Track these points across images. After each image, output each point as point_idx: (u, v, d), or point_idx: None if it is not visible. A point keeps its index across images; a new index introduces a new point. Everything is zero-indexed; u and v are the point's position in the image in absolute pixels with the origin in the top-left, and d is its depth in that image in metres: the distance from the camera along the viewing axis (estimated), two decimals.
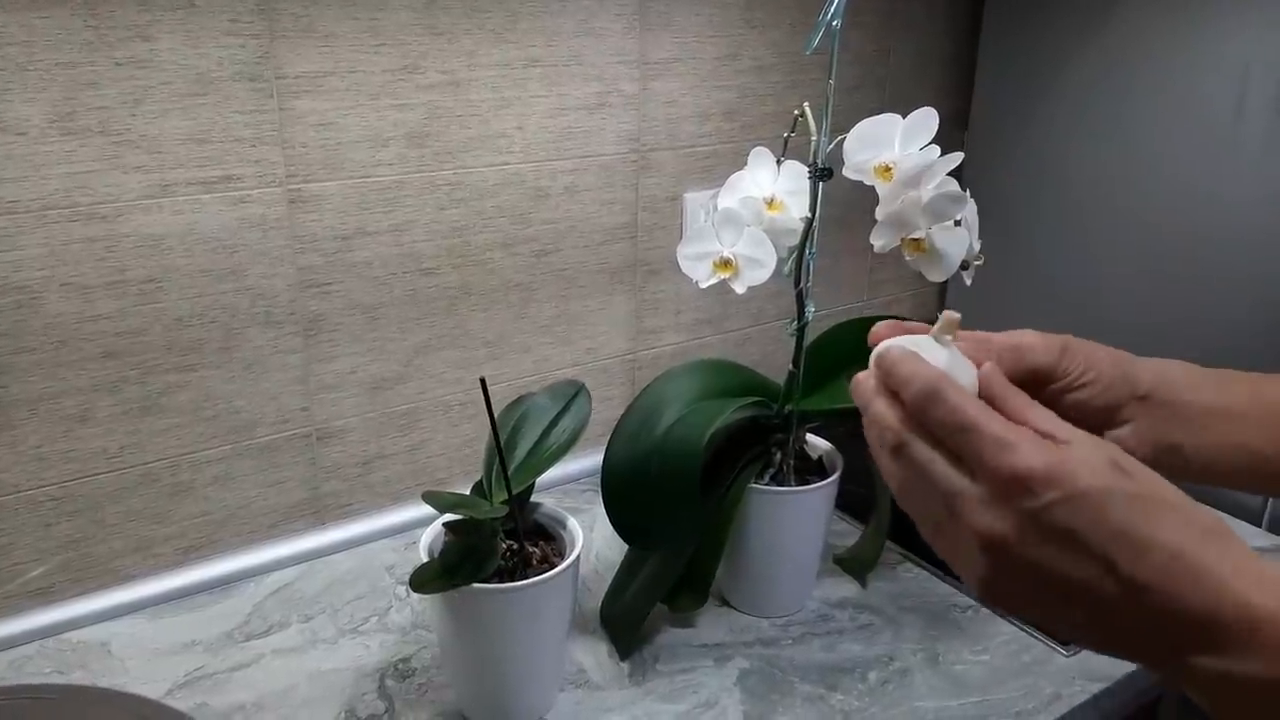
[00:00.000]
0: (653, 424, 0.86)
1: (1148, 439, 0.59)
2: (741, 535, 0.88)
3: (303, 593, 0.93)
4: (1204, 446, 0.59)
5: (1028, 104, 1.24)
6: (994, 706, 0.80)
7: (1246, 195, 1.04)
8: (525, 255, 1.04)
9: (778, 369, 0.90)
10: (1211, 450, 0.59)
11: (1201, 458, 0.59)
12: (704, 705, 0.80)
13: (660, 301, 1.16)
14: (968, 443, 0.42)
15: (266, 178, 0.87)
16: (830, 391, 0.89)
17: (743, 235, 0.81)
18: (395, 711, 0.78)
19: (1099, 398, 0.58)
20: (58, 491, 0.85)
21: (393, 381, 1.00)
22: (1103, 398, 0.58)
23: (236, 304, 0.89)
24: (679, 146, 1.11)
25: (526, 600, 0.72)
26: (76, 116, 0.78)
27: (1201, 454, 0.59)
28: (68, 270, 0.81)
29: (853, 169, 0.74)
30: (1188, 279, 1.09)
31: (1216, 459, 0.59)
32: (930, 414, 0.44)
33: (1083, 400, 0.58)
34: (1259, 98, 1.01)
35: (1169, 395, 0.59)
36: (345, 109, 0.89)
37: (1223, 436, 0.59)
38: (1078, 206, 1.20)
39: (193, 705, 0.78)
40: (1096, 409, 0.58)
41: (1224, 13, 1.03)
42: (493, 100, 0.97)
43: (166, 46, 0.80)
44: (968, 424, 0.42)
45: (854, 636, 0.88)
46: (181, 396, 0.89)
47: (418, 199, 0.95)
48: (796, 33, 1.15)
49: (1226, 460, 0.59)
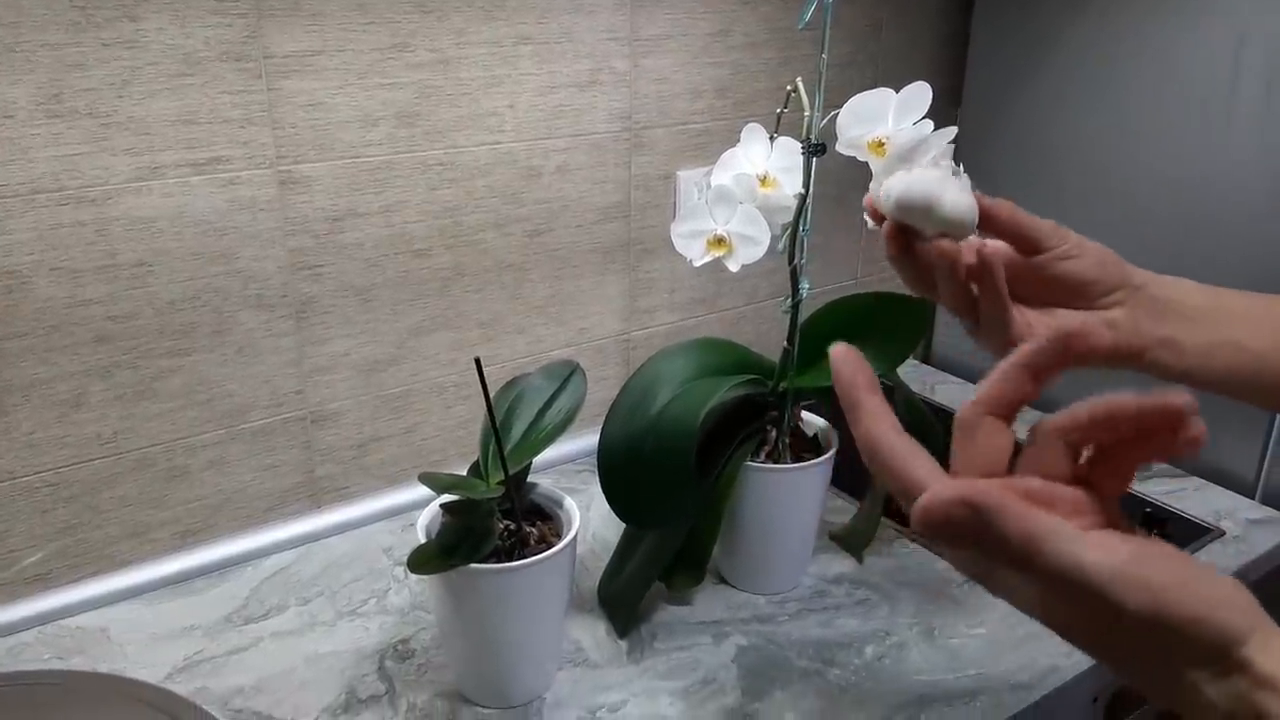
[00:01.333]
0: (648, 403, 0.86)
1: (1144, 329, 0.59)
2: (737, 513, 0.88)
3: (300, 576, 0.93)
4: (1200, 342, 0.59)
5: (1020, 80, 1.24)
6: (990, 680, 0.80)
7: (1238, 171, 1.04)
8: (518, 235, 1.03)
9: (772, 347, 0.90)
10: (1207, 346, 0.59)
11: (1196, 353, 0.59)
12: (702, 682, 0.80)
13: (654, 280, 1.16)
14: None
15: (256, 159, 0.86)
16: (824, 369, 0.88)
17: (736, 213, 0.80)
18: (395, 692, 0.78)
19: (1091, 270, 0.58)
20: (53, 477, 0.85)
21: (386, 363, 1.00)
22: (1094, 270, 0.58)
23: (228, 287, 0.88)
24: (671, 124, 1.11)
25: (524, 580, 0.72)
26: (64, 98, 0.77)
27: (1197, 349, 0.59)
28: (57, 254, 0.80)
29: (846, 144, 0.73)
30: (1179, 254, 1.09)
31: (1212, 356, 0.59)
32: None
33: (1075, 269, 0.58)
34: (1251, 74, 1.01)
35: (1165, 292, 0.60)
36: (334, 88, 0.88)
37: (1217, 333, 0.59)
38: (1070, 182, 1.20)
39: (192, 689, 0.78)
40: (1089, 280, 0.58)
41: None
42: (483, 79, 0.96)
43: (153, 26, 0.79)
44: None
45: (850, 612, 0.89)
46: (174, 381, 0.88)
47: (409, 179, 0.95)
48: (788, 8, 1.14)
49: (1221, 359, 0.59)
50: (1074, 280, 0.59)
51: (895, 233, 0.57)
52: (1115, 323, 0.59)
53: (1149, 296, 0.59)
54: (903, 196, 0.55)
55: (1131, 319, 0.59)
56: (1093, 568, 0.36)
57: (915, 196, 0.55)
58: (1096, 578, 0.36)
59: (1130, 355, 0.60)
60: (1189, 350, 0.59)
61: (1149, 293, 0.60)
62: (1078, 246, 0.59)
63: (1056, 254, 0.58)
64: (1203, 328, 0.59)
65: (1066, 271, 0.58)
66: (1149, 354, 0.60)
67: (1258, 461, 1.08)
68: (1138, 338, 0.59)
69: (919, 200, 0.55)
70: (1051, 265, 0.58)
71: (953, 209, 0.55)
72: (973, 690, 0.79)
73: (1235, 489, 1.08)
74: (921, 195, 0.55)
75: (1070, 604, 0.38)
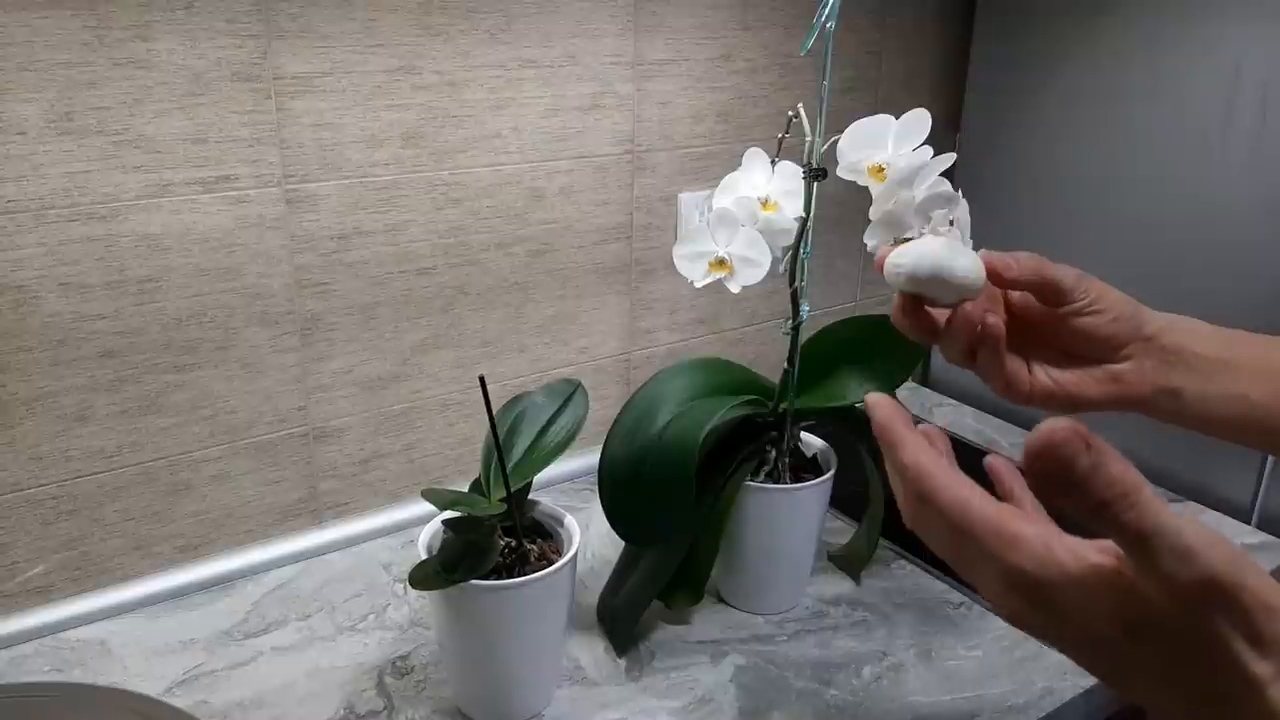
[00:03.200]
0: (649, 422, 0.86)
1: (1149, 379, 0.61)
2: (737, 533, 0.88)
3: (301, 591, 0.93)
4: (1204, 394, 0.61)
5: (1019, 106, 1.25)
6: (986, 702, 0.81)
7: (1237, 196, 1.05)
8: (521, 255, 1.04)
9: (772, 368, 0.90)
10: (1211, 399, 0.61)
11: (1200, 404, 0.61)
12: (700, 701, 0.80)
13: (655, 301, 1.17)
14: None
15: (264, 178, 0.87)
16: (825, 390, 0.90)
17: (738, 235, 0.81)
18: (394, 708, 0.79)
19: (1107, 326, 0.60)
20: (56, 490, 0.86)
21: (389, 381, 1.00)
22: (1110, 327, 0.60)
23: (234, 303, 0.89)
24: (674, 147, 1.12)
25: (524, 597, 0.72)
26: (75, 116, 0.78)
27: (1201, 401, 0.61)
28: (66, 269, 0.81)
29: (846, 169, 0.74)
30: (1178, 278, 1.10)
31: (1215, 407, 0.61)
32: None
33: (1092, 325, 0.60)
34: (1248, 100, 1.02)
35: (1176, 341, 0.61)
36: (342, 109, 0.89)
37: (1224, 387, 0.60)
38: (1069, 207, 1.21)
39: (192, 703, 0.78)
40: (1103, 337, 0.60)
41: (1213, 15, 1.04)
42: (488, 101, 0.97)
43: (165, 47, 0.80)
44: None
45: (848, 633, 0.89)
46: (179, 396, 0.89)
47: (414, 199, 0.96)
48: (790, 34, 1.16)
49: (1225, 409, 0.61)
50: (1090, 335, 0.61)
51: (907, 305, 0.61)
52: (1121, 375, 0.61)
53: (1158, 347, 0.61)
54: (914, 272, 0.58)
55: (1139, 371, 0.61)
56: (1190, 527, 0.35)
57: (925, 270, 0.58)
58: (1191, 537, 0.35)
59: (1133, 404, 0.62)
60: (1192, 401, 0.61)
61: (1159, 343, 0.61)
62: (1099, 300, 0.60)
63: (1077, 308, 0.60)
64: (1208, 379, 0.61)
65: (1083, 327, 0.61)
66: (1152, 402, 0.62)
67: (1254, 487, 1.08)
68: (1142, 388, 0.61)
69: (929, 273, 0.58)
70: (1071, 320, 0.61)
71: (964, 276, 0.58)
72: (969, 712, 0.80)
73: (1231, 514, 1.09)
74: (931, 268, 0.58)
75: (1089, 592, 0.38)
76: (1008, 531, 0.40)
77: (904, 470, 0.44)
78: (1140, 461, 0.37)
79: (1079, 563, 0.38)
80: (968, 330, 0.59)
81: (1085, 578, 0.38)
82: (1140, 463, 0.37)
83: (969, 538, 0.41)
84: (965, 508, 0.41)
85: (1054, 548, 0.39)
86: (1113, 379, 0.61)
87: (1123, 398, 0.62)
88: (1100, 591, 0.38)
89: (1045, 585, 0.39)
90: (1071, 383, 0.62)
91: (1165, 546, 0.35)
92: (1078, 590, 0.38)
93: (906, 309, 0.61)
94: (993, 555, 0.40)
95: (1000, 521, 0.40)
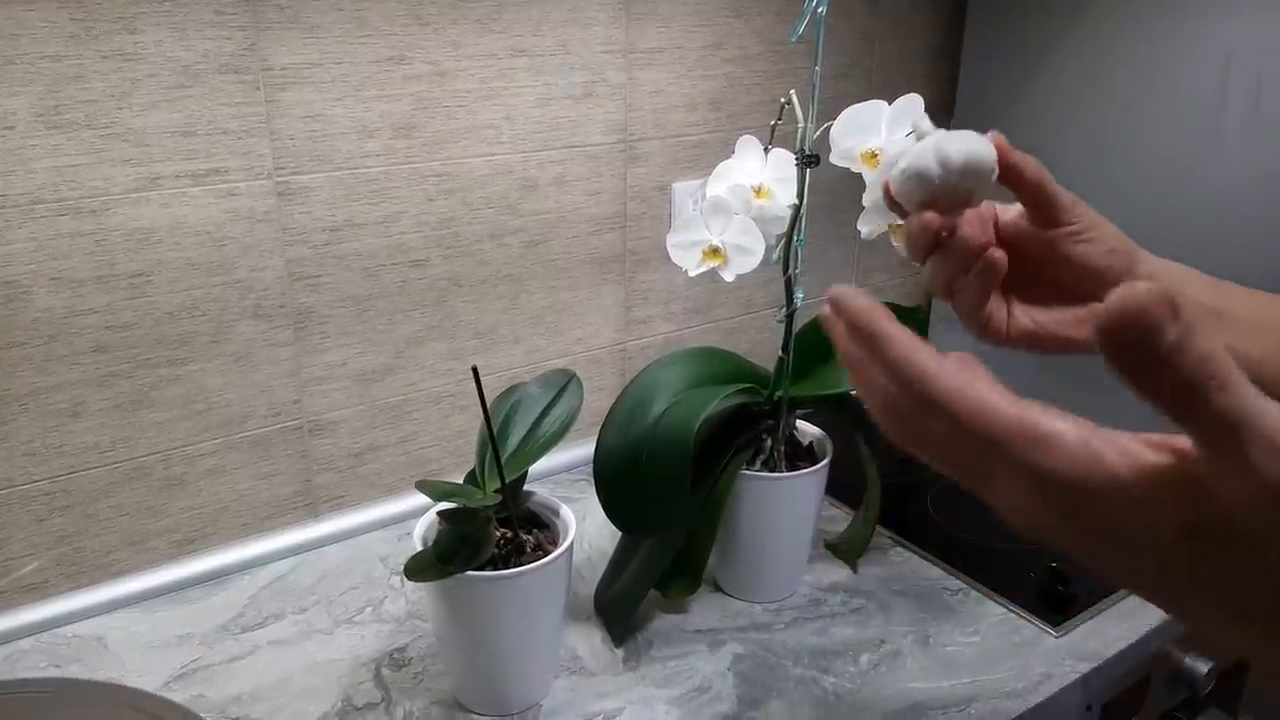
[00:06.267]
0: (644, 412, 0.86)
1: None
2: (733, 521, 0.88)
3: (297, 584, 0.93)
4: None
5: (1012, 92, 1.25)
6: (985, 687, 0.81)
7: (1229, 182, 1.05)
8: (514, 246, 1.04)
9: (767, 356, 0.90)
10: None
11: None
12: (698, 690, 0.80)
13: (649, 291, 1.17)
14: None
15: (254, 170, 0.87)
16: (819, 377, 0.89)
17: (731, 223, 0.81)
18: (392, 700, 0.79)
19: (1101, 257, 0.58)
20: (50, 486, 0.85)
21: (383, 373, 1.00)
22: (1105, 259, 0.58)
23: (226, 297, 0.89)
24: (666, 136, 1.12)
25: (521, 587, 0.72)
26: (63, 110, 0.77)
27: None
28: (57, 264, 0.80)
29: (839, 155, 0.74)
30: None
31: None
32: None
33: (1084, 254, 0.58)
34: (1240, 86, 1.02)
35: (1172, 286, 0.58)
36: (332, 100, 0.89)
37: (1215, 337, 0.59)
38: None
39: (189, 697, 0.78)
40: (1096, 269, 0.58)
41: (1205, 2, 1.03)
42: (479, 91, 0.97)
43: (153, 39, 0.79)
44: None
45: (845, 620, 0.89)
46: (172, 390, 0.89)
47: (406, 190, 0.95)
48: (781, 21, 1.15)
49: None
50: (1080, 265, 0.58)
51: (924, 214, 0.55)
52: None
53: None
54: (946, 161, 0.52)
55: None
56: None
57: (958, 160, 0.52)
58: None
59: None
60: None
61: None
62: (1093, 228, 0.58)
63: (1070, 231, 0.58)
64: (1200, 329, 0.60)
65: (1075, 255, 0.58)
66: None
67: None
68: None
69: (963, 162, 0.52)
70: (1063, 244, 0.58)
71: (991, 158, 0.53)
72: (967, 698, 0.80)
73: None
74: (964, 156, 0.52)
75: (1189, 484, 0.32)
76: (1038, 431, 0.34)
77: (900, 366, 0.38)
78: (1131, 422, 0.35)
79: (1130, 462, 0.33)
80: (964, 251, 0.55)
81: (1137, 476, 0.33)
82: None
83: (988, 442, 0.35)
84: (981, 407, 0.35)
85: (1096, 446, 0.33)
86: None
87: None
88: (1160, 494, 0.32)
89: (1089, 492, 0.33)
90: (1053, 323, 0.60)
91: (1260, 438, 0.29)
92: (1127, 491, 0.33)
93: (929, 219, 0.55)
94: (1020, 460, 0.34)
95: (1027, 420, 0.35)
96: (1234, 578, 0.32)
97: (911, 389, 0.37)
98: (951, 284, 0.58)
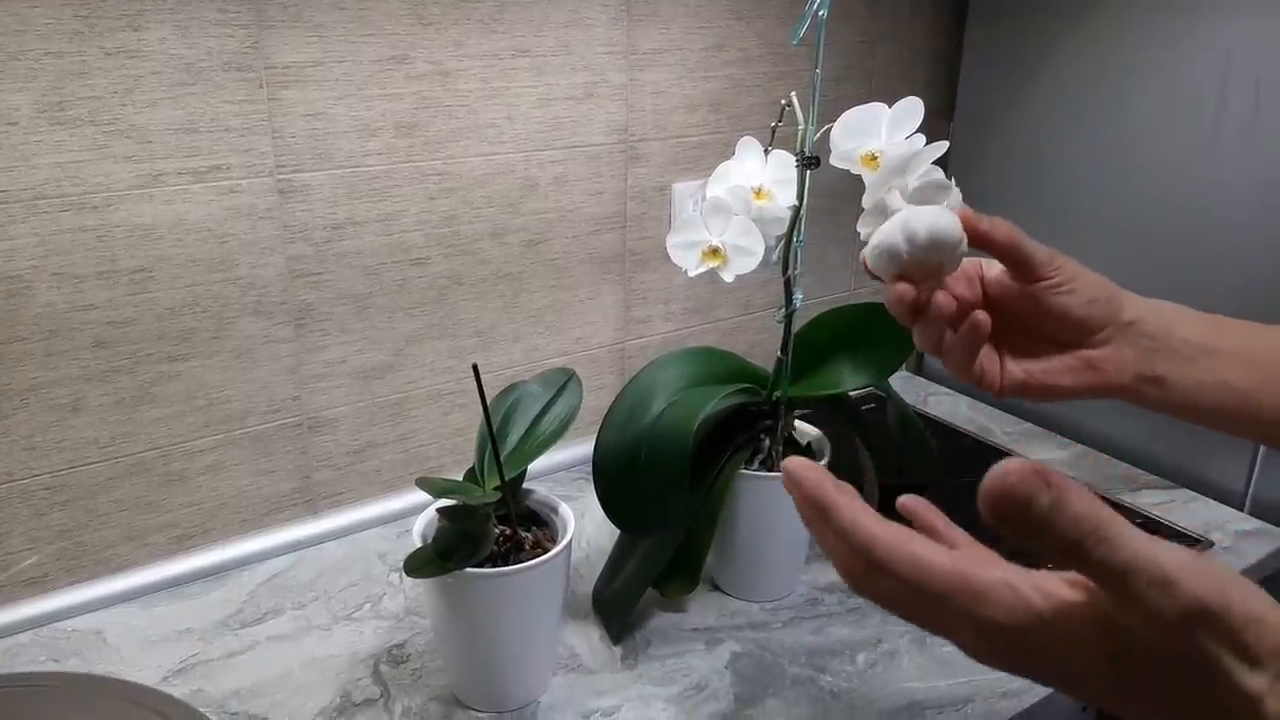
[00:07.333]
0: (643, 411, 0.86)
1: (1129, 366, 0.59)
2: (731, 520, 0.89)
3: (296, 580, 0.94)
4: (1188, 381, 0.59)
5: (1012, 95, 1.25)
6: (981, 687, 0.81)
7: (1229, 184, 1.05)
8: (515, 245, 1.04)
9: (766, 357, 0.91)
10: (1195, 386, 0.59)
11: (1184, 392, 0.59)
12: (695, 688, 0.81)
13: (649, 291, 1.17)
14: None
15: (256, 167, 0.87)
16: (818, 378, 0.90)
17: (731, 224, 0.81)
18: (390, 696, 0.79)
19: (1081, 308, 0.59)
20: (50, 481, 0.86)
21: (383, 371, 1.00)
22: (1085, 309, 0.59)
23: (227, 294, 0.89)
24: (667, 137, 1.12)
25: (520, 585, 0.73)
26: (66, 106, 0.78)
27: (1184, 388, 0.59)
28: (59, 260, 0.81)
29: (839, 158, 0.74)
30: (1171, 265, 1.11)
31: (1199, 394, 0.59)
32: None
33: (1065, 306, 0.59)
34: (1240, 87, 1.02)
35: (1159, 328, 0.60)
36: (334, 99, 0.89)
37: (1208, 374, 0.59)
38: (1060, 196, 1.22)
39: (188, 692, 0.79)
40: (1078, 319, 0.59)
41: (1205, 5, 1.04)
42: (481, 90, 0.97)
43: (156, 36, 0.80)
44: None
45: (842, 620, 0.90)
46: (173, 386, 0.89)
47: (407, 189, 0.96)
48: (782, 24, 1.16)
49: (1209, 397, 0.59)
50: (1062, 316, 0.59)
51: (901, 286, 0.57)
52: (1098, 362, 0.60)
53: (1140, 333, 0.60)
54: (912, 239, 0.55)
55: (1116, 359, 0.60)
56: (1166, 555, 0.34)
57: (922, 237, 0.55)
58: (1170, 566, 0.33)
59: (1112, 391, 0.61)
60: (1175, 389, 0.60)
61: (1141, 329, 0.60)
62: (1072, 280, 0.59)
63: (1049, 285, 0.59)
64: (1192, 366, 0.59)
65: (1056, 306, 0.59)
66: (1134, 391, 0.60)
67: (1246, 473, 1.09)
68: (1122, 376, 0.60)
69: (927, 238, 0.55)
70: (1044, 297, 0.59)
71: (957, 234, 0.55)
72: (963, 698, 0.80)
73: (1224, 501, 1.09)
74: (928, 232, 0.55)
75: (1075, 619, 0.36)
76: (971, 587, 0.38)
77: (847, 535, 0.41)
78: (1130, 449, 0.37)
79: (1049, 601, 0.37)
80: (945, 317, 0.57)
81: (1059, 616, 0.37)
82: (1130, 450, 0.36)
83: (933, 597, 0.39)
84: (921, 568, 0.39)
85: (1020, 589, 0.37)
86: (1089, 366, 0.60)
87: (1100, 386, 0.60)
88: (1078, 628, 0.37)
89: (1020, 632, 0.37)
90: (1043, 372, 0.61)
91: (1144, 581, 0.34)
92: (1054, 630, 0.37)
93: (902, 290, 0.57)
94: (962, 611, 0.38)
95: (962, 576, 0.38)
96: (1160, 689, 0.36)
97: (859, 553, 0.40)
98: (939, 344, 0.59)
